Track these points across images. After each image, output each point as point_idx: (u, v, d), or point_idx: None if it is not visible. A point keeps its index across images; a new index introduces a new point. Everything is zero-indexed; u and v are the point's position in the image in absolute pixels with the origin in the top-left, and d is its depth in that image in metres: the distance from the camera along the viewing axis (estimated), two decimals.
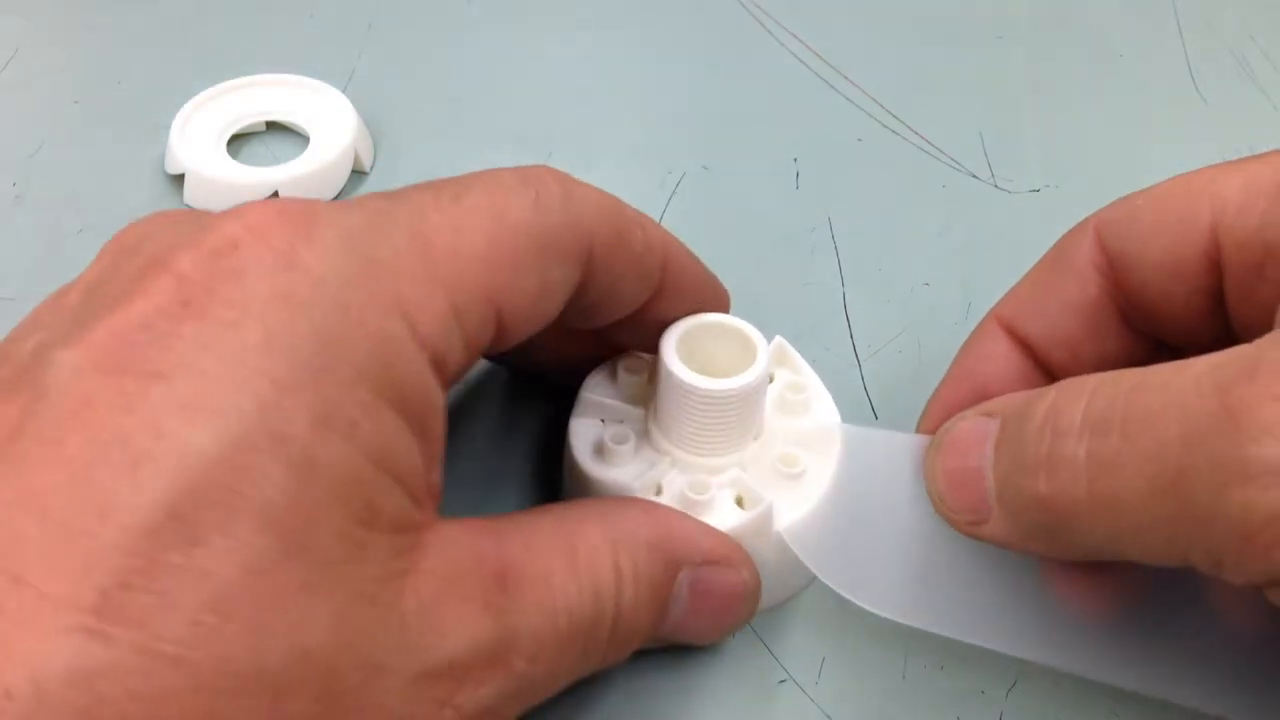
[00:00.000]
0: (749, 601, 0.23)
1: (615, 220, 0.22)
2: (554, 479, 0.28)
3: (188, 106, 0.37)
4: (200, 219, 0.18)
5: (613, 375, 0.27)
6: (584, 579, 0.20)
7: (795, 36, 0.44)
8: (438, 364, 0.19)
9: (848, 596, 0.23)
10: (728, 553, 0.23)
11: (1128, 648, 0.22)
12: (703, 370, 0.24)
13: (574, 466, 0.25)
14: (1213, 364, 0.18)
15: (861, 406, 0.30)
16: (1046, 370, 0.25)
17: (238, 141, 0.38)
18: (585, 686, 0.23)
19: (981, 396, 0.23)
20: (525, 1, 0.45)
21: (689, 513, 0.23)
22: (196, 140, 0.37)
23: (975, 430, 0.22)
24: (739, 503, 0.24)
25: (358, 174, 0.37)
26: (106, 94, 0.40)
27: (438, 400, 0.19)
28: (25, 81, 0.41)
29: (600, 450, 0.25)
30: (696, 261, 0.25)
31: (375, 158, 0.38)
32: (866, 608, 0.23)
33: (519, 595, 0.19)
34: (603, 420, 0.26)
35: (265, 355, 0.16)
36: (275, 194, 0.35)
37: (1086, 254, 0.24)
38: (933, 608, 0.24)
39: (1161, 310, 0.23)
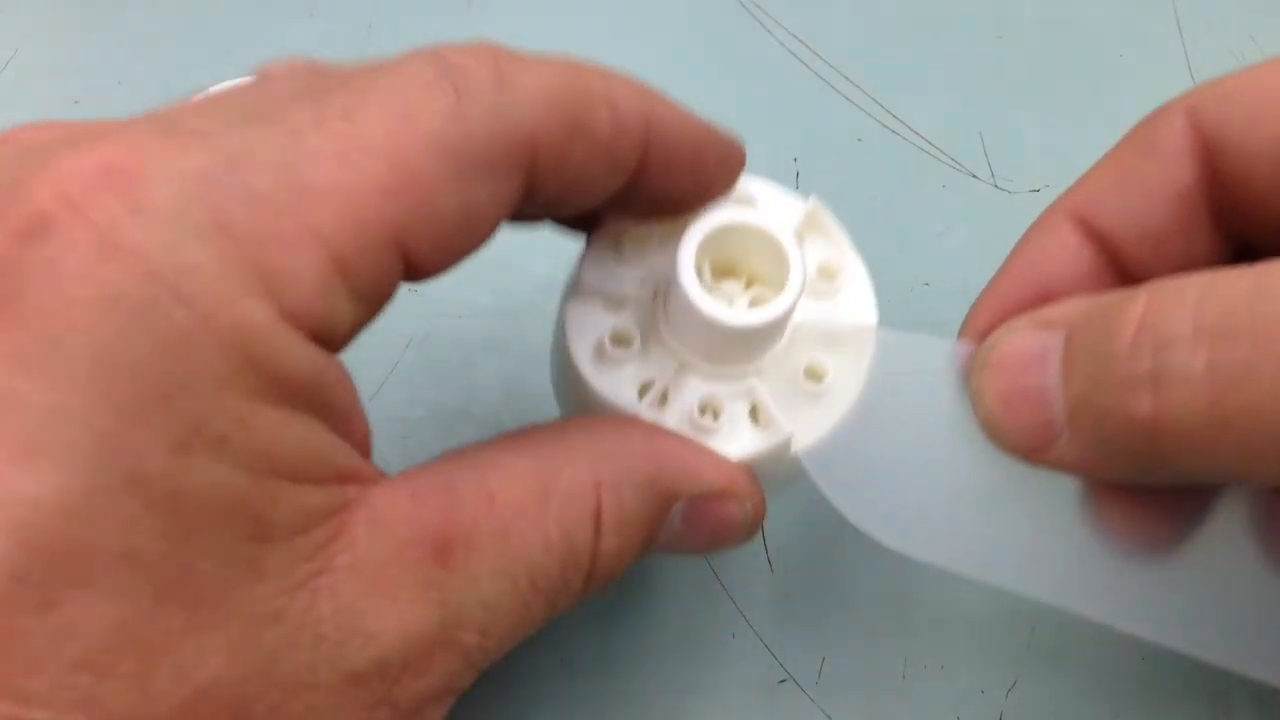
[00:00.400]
0: (748, 530, 0.21)
1: (570, 106, 0.18)
2: None
3: None
4: (17, 165, 0.15)
5: (617, 245, 0.22)
6: (553, 529, 0.18)
7: (795, 36, 0.44)
8: (322, 335, 0.16)
9: (873, 534, 0.21)
10: (732, 484, 0.20)
11: (1173, 592, 0.20)
12: (727, 273, 0.21)
13: (569, 368, 0.22)
14: None
15: None
16: (1123, 270, 0.22)
17: None
18: (584, 686, 0.23)
19: (1045, 299, 0.21)
20: (525, 2, 0.45)
21: (697, 437, 0.21)
22: None
23: (1031, 344, 0.19)
24: (753, 415, 0.21)
25: None
26: (106, 94, 0.40)
27: (331, 371, 0.16)
28: (25, 81, 0.41)
29: (600, 352, 0.21)
30: (690, 120, 0.20)
31: None
32: (891, 546, 0.21)
33: (466, 564, 0.17)
34: (605, 306, 0.22)
35: (99, 377, 0.14)
36: None
37: (1179, 137, 0.21)
38: (966, 546, 0.21)
39: (1265, 203, 0.20)
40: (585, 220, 0.22)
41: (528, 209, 0.19)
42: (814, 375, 0.22)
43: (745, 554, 0.28)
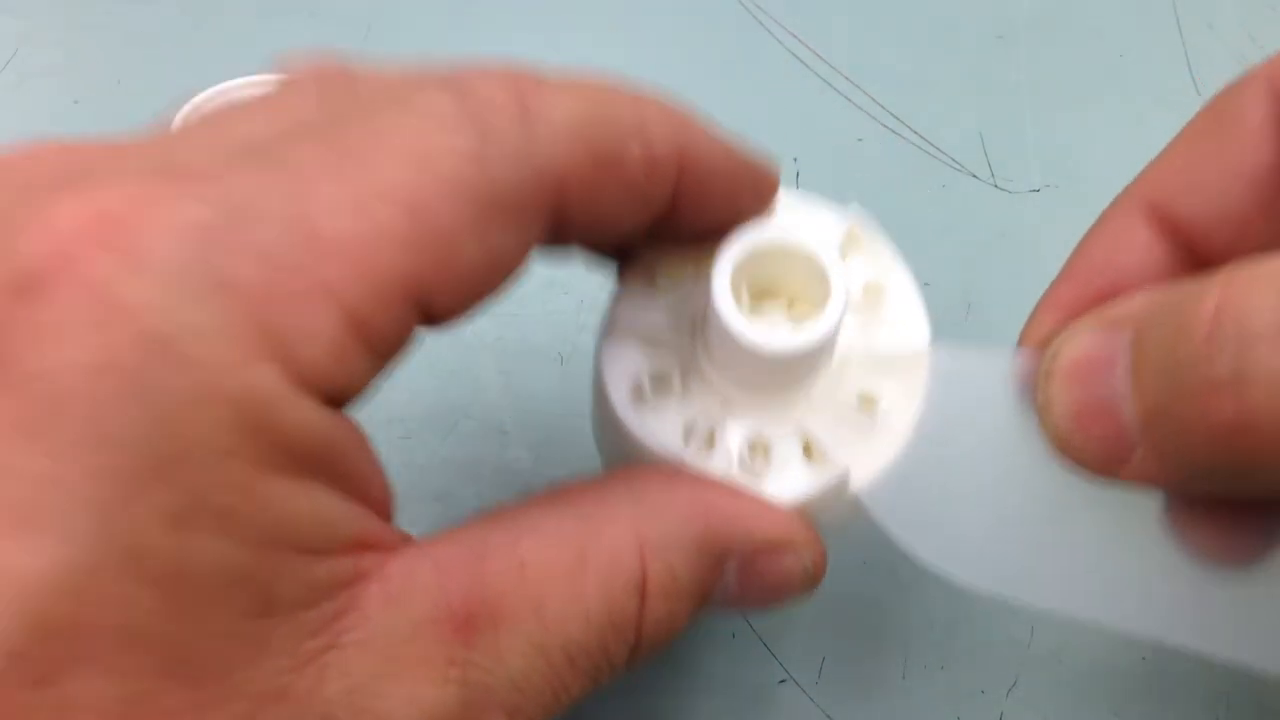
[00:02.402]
0: (810, 583, 0.19)
1: (600, 141, 0.17)
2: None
3: (188, 106, 0.37)
4: (13, 209, 0.14)
5: (649, 279, 0.21)
6: (593, 599, 0.16)
7: (795, 36, 0.44)
8: (335, 395, 0.15)
9: (947, 573, 0.19)
10: (789, 534, 0.19)
11: (1263, 609, 0.19)
12: (766, 293, 0.20)
13: (607, 415, 0.20)
14: None
15: None
16: (1203, 263, 0.20)
17: None
18: None
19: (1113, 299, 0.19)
20: (525, 2, 0.45)
21: (748, 481, 0.19)
22: None
23: (1100, 346, 0.17)
24: (806, 451, 0.20)
25: None
26: (106, 94, 0.40)
27: (344, 433, 0.15)
28: (25, 81, 0.41)
29: (639, 395, 0.20)
30: (725, 147, 0.19)
31: None
32: (966, 584, 0.19)
33: (493, 639, 0.16)
34: (641, 346, 0.21)
35: (95, 447, 0.13)
36: None
37: (1260, 110, 0.19)
38: (1045, 578, 0.19)
39: None
40: (615, 249, 0.21)
41: (552, 243, 0.18)
42: (867, 404, 0.20)
43: None
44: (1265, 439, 0.15)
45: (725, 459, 0.20)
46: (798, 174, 0.38)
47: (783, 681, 0.25)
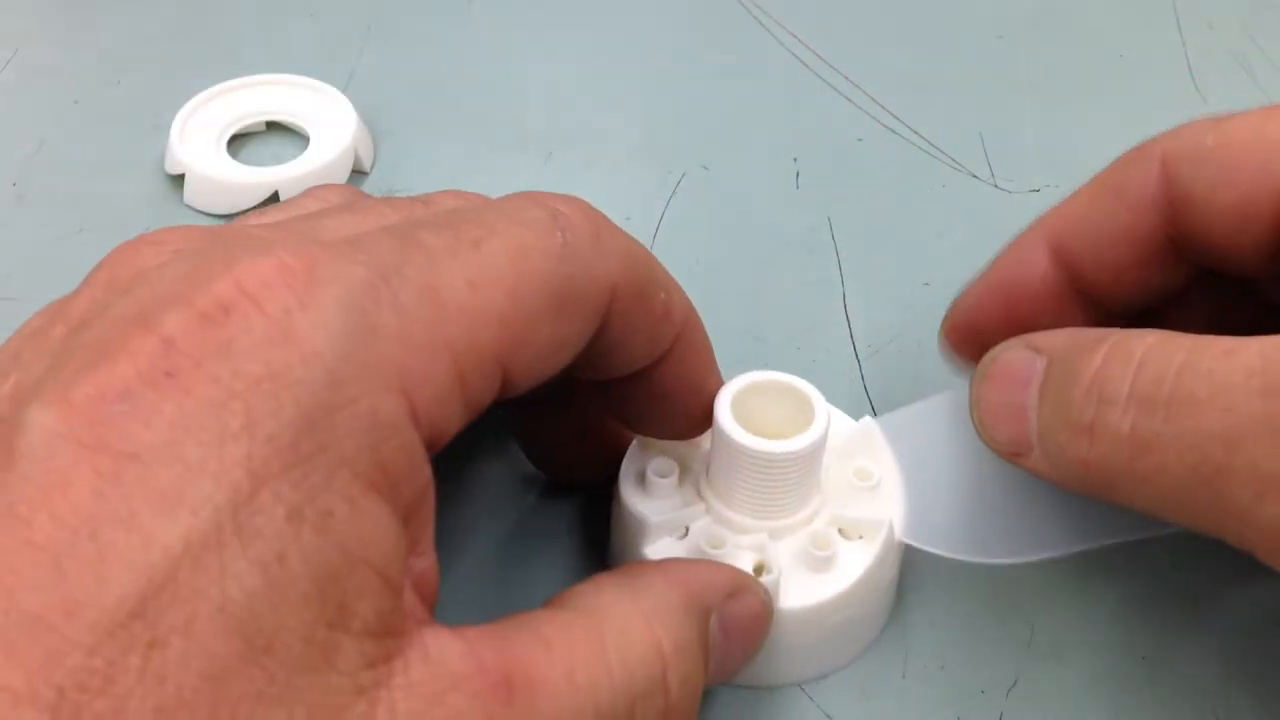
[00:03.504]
0: (768, 619, 0.23)
1: (641, 275, 0.21)
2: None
3: (188, 106, 0.37)
4: (199, 260, 0.17)
5: (641, 479, 0.25)
6: (616, 667, 0.18)
7: (795, 36, 0.44)
8: (434, 436, 0.17)
9: (998, 561, 0.24)
10: (743, 579, 0.22)
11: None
12: (757, 431, 0.23)
13: (616, 491, 0.25)
14: (1265, 358, 0.18)
15: (861, 406, 0.30)
16: (1085, 292, 0.25)
17: (238, 141, 0.38)
18: None
19: (1012, 308, 0.24)
20: (525, 1, 0.45)
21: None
22: (196, 140, 0.37)
23: (1021, 365, 0.22)
24: (757, 570, 0.23)
25: (358, 174, 0.37)
26: (106, 94, 0.40)
27: (427, 480, 0.18)
28: (25, 81, 0.41)
29: (641, 478, 0.25)
30: (709, 344, 0.24)
31: (375, 158, 0.38)
32: (974, 559, 0.24)
33: (532, 702, 0.17)
34: (662, 453, 0.25)
35: (246, 442, 0.15)
36: (275, 194, 0.35)
37: (1151, 189, 0.23)
38: (1012, 534, 0.24)
39: (1223, 251, 0.23)
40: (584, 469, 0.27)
41: (574, 360, 0.21)
42: (822, 545, 0.24)
43: None
44: (1104, 476, 0.20)
45: (691, 544, 0.24)
46: (798, 174, 0.38)
47: None
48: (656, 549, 0.24)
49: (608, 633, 0.19)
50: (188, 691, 0.14)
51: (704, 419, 0.24)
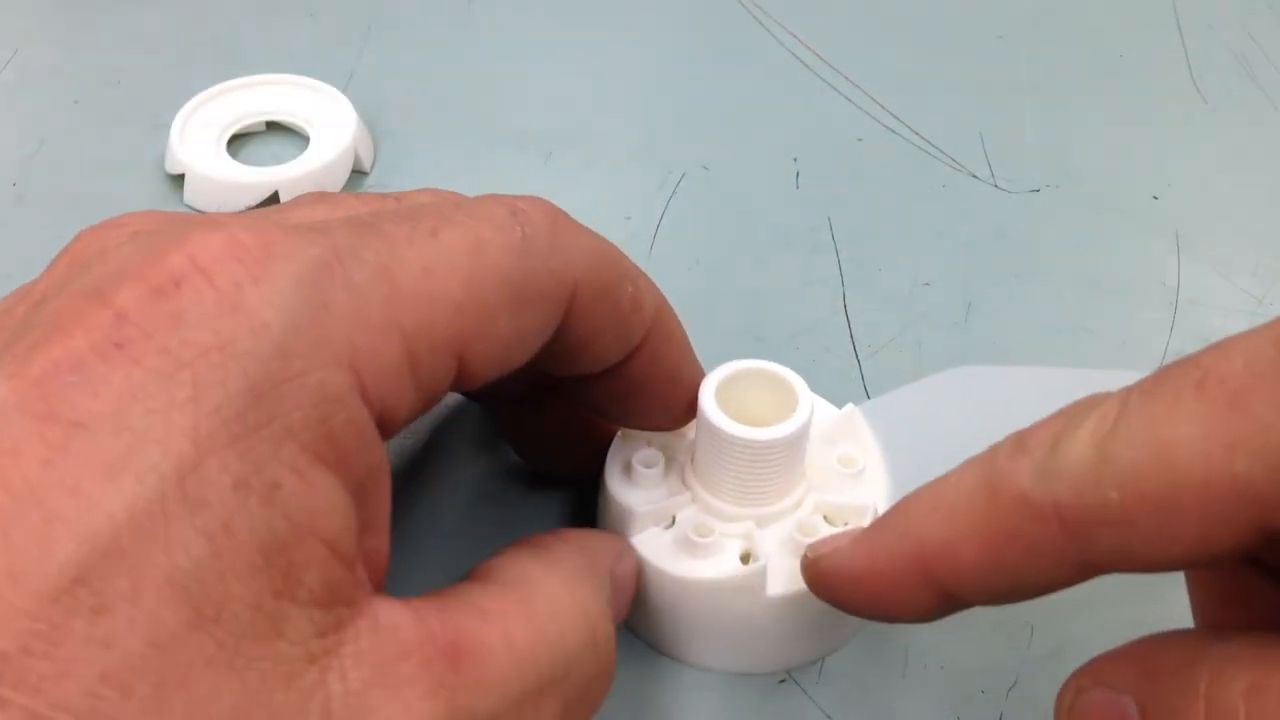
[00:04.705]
0: (636, 577, 0.24)
1: (605, 271, 0.21)
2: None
3: (188, 106, 0.37)
4: (155, 238, 0.17)
5: (627, 469, 0.25)
6: (551, 634, 0.19)
7: (795, 36, 0.44)
8: (385, 416, 0.18)
9: None
10: (619, 543, 0.24)
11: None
12: (742, 419, 0.23)
13: (602, 482, 0.25)
14: None
15: None
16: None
17: (238, 141, 0.38)
18: None
19: (922, 559, 0.20)
20: (525, 1, 0.45)
21: (692, 554, 0.24)
22: (196, 140, 0.37)
23: (1110, 710, 0.19)
24: (744, 558, 0.24)
25: (358, 174, 0.37)
26: (106, 94, 0.40)
27: (379, 458, 0.18)
28: (25, 81, 0.41)
29: (627, 469, 0.25)
30: (684, 335, 0.24)
31: (375, 158, 0.38)
32: None
33: (479, 668, 0.18)
34: (648, 443, 0.25)
35: (192, 412, 0.15)
36: (275, 194, 0.35)
37: (1053, 549, 0.19)
38: None
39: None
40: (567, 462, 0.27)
41: (543, 357, 0.21)
42: (807, 532, 0.24)
43: None
44: None
45: (677, 534, 0.24)
46: (798, 174, 0.38)
47: (782, 681, 0.25)
48: (643, 539, 0.24)
49: (537, 601, 0.19)
50: (135, 658, 0.14)
51: (684, 411, 0.24)
